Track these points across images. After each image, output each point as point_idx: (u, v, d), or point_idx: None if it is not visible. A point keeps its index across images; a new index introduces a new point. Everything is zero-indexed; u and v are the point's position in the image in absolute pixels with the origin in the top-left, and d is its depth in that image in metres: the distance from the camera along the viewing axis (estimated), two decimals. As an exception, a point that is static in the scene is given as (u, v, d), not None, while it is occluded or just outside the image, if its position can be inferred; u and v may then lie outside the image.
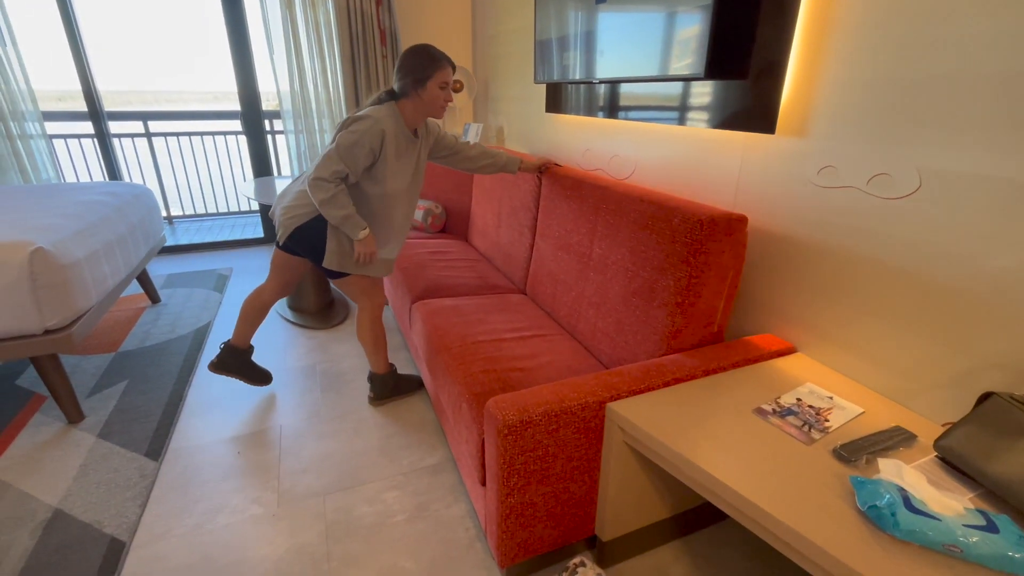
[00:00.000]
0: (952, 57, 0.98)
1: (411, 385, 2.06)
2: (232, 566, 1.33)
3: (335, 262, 1.66)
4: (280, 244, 1.78)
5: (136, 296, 2.98)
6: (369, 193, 1.65)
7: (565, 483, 1.20)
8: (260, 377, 2.05)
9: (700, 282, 1.28)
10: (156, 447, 1.74)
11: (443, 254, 2.44)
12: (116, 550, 1.35)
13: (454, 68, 1.61)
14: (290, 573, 1.31)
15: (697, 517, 1.41)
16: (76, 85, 3.27)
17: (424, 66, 1.56)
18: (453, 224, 2.92)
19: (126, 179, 4.11)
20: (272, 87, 3.36)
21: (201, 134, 4.68)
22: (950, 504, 0.81)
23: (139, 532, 1.43)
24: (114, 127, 3.70)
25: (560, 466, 1.17)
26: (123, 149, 4.21)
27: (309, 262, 1.84)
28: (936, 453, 0.97)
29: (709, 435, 1.06)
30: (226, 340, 2.01)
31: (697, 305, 1.31)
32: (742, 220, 1.28)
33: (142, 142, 4.43)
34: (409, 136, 1.65)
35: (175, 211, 4.88)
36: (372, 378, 1.97)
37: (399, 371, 2.22)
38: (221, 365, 1.97)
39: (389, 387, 1.99)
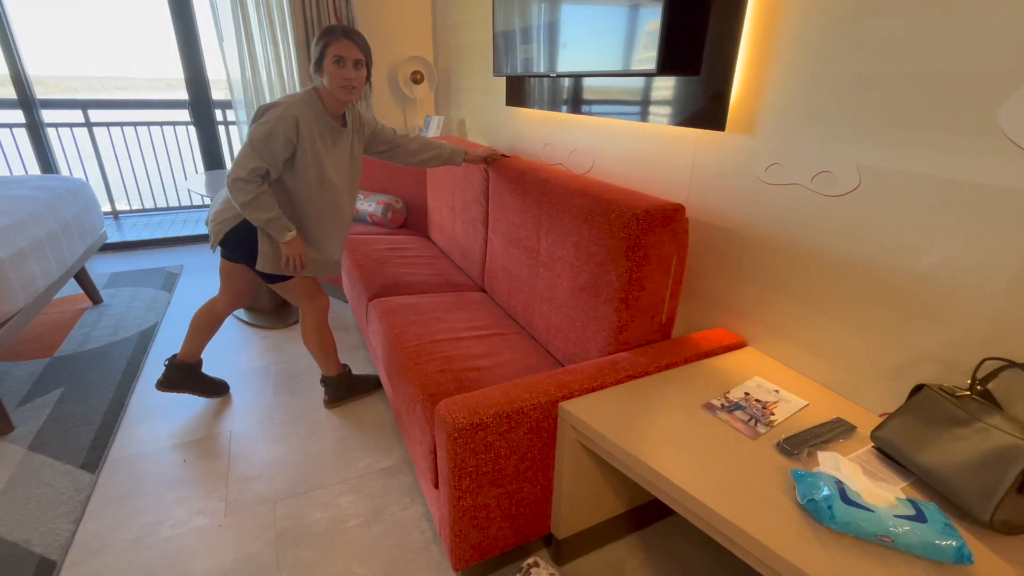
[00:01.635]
0: (887, 59, 1.00)
1: (368, 385, 2.01)
2: (174, 581, 1.27)
3: (269, 264, 1.57)
4: (214, 252, 1.69)
5: (75, 296, 2.81)
6: (294, 188, 1.55)
7: (519, 484, 1.18)
8: (214, 388, 1.96)
9: (643, 275, 1.28)
10: (93, 458, 1.64)
11: (402, 250, 2.39)
12: (46, 570, 1.27)
13: (358, 43, 1.46)
14: (236, 586, 1.26)
15: (651, 511, 1.42)
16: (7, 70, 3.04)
17: (318, 42, 1.44)
18: (414, 219, 2.86)
19: (64, 172, 3.87)
20: (222, 75, 3.20)
21: (148, 124, 4.44)
22: (883, 495, 0.84)
23: (72, 550, 1.34)
24: (50, 116, 3.47)
25: (513, 467, 1.15)
26: (61, 140, 3.96)
27: None
28: (873, 444, 1.00)
29: (659, 433, 1.06)
30: (170, 356, 1.90)
31: (641, 299, 1.31)
32: (679, 209, 1.28)
33: (82, 132, 4.16)
34: (333, 125, 1.54)
35: (121, 206, 4.63)
36: (325, 381, 1.91)
37: (356, 371, 2.17)
38: (168, 383, 1.86)
39: (343, 389, 1.93)
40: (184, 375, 1.88)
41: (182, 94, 3.46)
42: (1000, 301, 0.91)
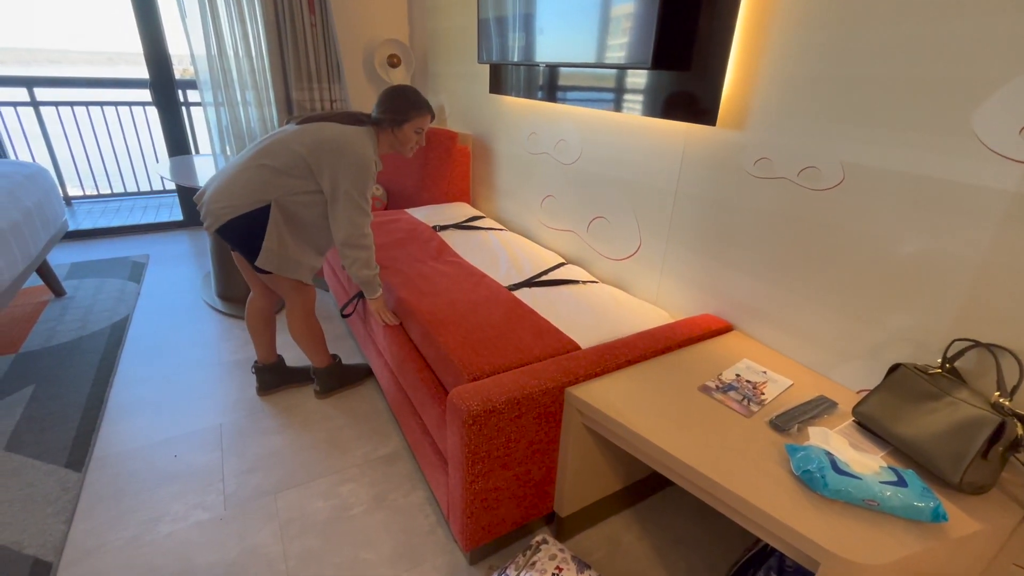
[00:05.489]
0: (872, 62, 1.07)
1: (359, 374, 2.01)
2: (179, 575, 1.26)
3: (273, 263, 1.55)
4: (209, 232, 1.62)
5: (35, 289, 2.66)
6: (321, 211, 1.59)
7: (527, 466, 1.23)
8: (303, 377, 2.00)
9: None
10: (78, 456, 1.59)
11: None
12: (41, 572, 1.24)
13: (433, 117, 1.67)
14: (245, 577, 1.27)
15: (646, 486, 1.51)
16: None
17: (405, 109, 1.60)
18: (394, 206, 2.83)
19: (12, 156, 3.62)
20: (184, 50, 3.04)
21: (101, 104, 4.18)
22: (868, 464, 0.93)
23: (67, 550, 1.31)
24: (-8, 94, 3.24)
25: (522, 450, 1.20)
26: (4, 121, 3.69)
27: None
28: (854, 418, 1.10)
29: (663, 413, 1.13)
30: (253, 363, 1.95)
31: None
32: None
33: (27, 112, 3.89)
34: (378, 163, 1.62)
35: (73, 191, 4.36)
36: (316, 373, 1.90)
37: (346, 361, 2.16)
38: (265, 387, 1.94)
39: (335, 379, 1.93)
40: (274, 375, 1.94)
41: (125, 68, 3.28)
42: (967, 287, 1.00)
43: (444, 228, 2.30)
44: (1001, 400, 0.92)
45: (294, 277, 1.62)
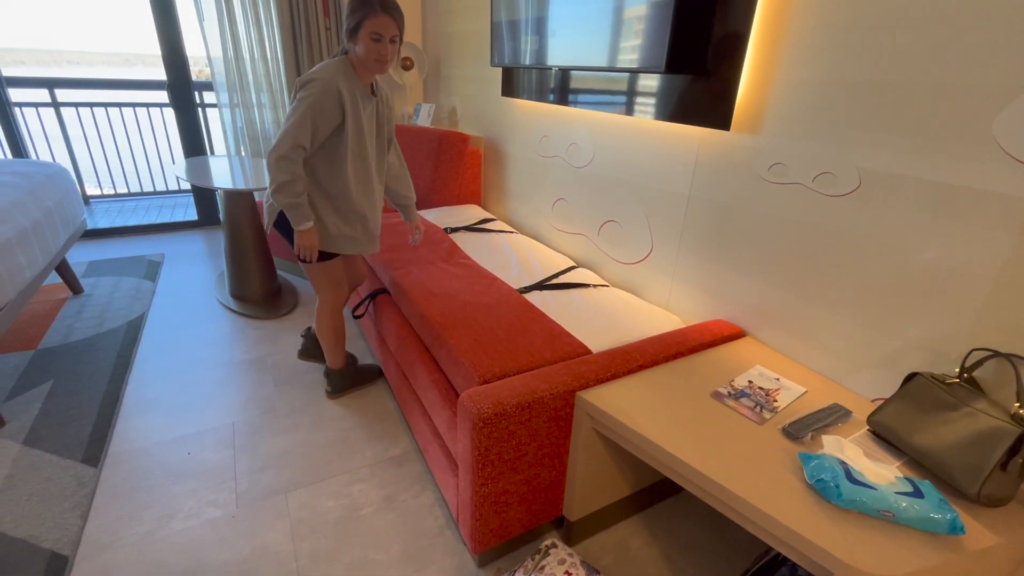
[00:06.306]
0: (890, 65, 1.06)
1: (370, 375, 2.02)
2: (191, 572, 1.28)
3: (321, 242, 1.60)
4: (268, 231, 1.71)
5: (54, 286, 2.71)
6: (339, 162, 1.52)
7: (536, 469, 1.23)
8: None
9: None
10: (94, 452, 1.62)
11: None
12: (58, 565, 1.26)
13: (397, 18, 1.43)
14: (256, 575, 1.28)
15: (655, 492, 1.50)
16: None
17: (352, 11, 1.41)
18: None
19: (33, 156, 3.69)
20: (201, 52, 3.08)
21: (120, 105, 4.25)
22: (884, 474, 0.91)
23: (83, 544, 1.34)
24: (15, 95, 3.30)
25: (532, 454, 1.20)
26: (26, 121, 3.76)
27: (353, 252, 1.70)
28: (869, 427, 1.09)
29: (674, 419, 1.12)
30: (307, 328, 2.07)
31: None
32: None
33: (48, 112, 3.96)
34: (366, 93, 1.53)
35: (91, 190, 4.44)
36: (329, 373, 1.92)
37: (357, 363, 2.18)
38: (306, 352, 2.03)
39: (347, 379, 1.95)
40: (318, 346, 2.03)
41: (143, 69, 3.33)
42: (986, 296, 0.99)
43: (455, 230, 2.31)
44: (1021, 411, 0.90)
45: (339, 251, 1.64)
